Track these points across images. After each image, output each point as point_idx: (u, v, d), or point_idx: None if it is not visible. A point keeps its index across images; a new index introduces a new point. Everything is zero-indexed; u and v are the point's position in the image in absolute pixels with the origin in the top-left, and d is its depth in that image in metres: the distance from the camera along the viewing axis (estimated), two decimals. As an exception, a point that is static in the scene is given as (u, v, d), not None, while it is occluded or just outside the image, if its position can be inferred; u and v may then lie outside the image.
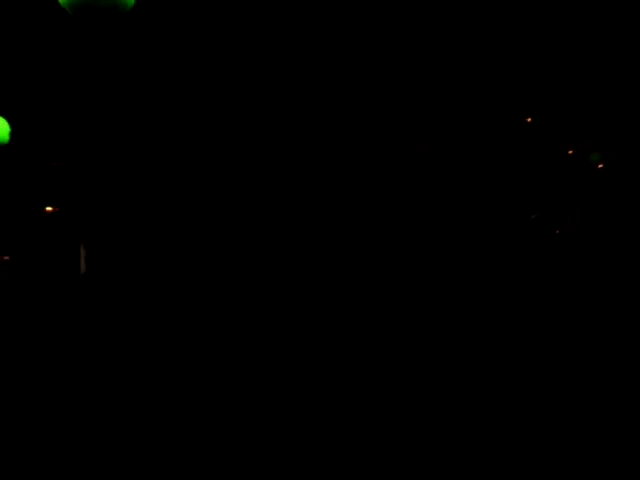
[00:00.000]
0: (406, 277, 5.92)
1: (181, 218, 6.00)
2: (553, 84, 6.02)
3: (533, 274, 5.93)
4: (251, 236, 5.97)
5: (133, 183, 5.99)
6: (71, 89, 5.74)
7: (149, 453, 3.07)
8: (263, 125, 5.95)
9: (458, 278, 5.88)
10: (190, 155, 6.00)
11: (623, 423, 3.30)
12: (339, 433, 3.27)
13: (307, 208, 5.98)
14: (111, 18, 2.80)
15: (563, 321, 5.39)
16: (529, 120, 6.19)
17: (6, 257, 6.28)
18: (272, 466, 2.94)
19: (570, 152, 6.32)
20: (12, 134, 4.54)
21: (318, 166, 5.96)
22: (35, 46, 5.34)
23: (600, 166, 6.10)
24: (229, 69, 5.73)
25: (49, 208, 6.50)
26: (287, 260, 5.93)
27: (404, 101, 5.87)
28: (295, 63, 5.71)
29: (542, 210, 6.11)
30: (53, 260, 6.37)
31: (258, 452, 3.06)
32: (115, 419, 3.49)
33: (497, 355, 4.70)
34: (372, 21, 5.39)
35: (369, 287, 5.87)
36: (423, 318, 5.51)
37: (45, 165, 6.22)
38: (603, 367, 4.31)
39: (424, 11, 5.40)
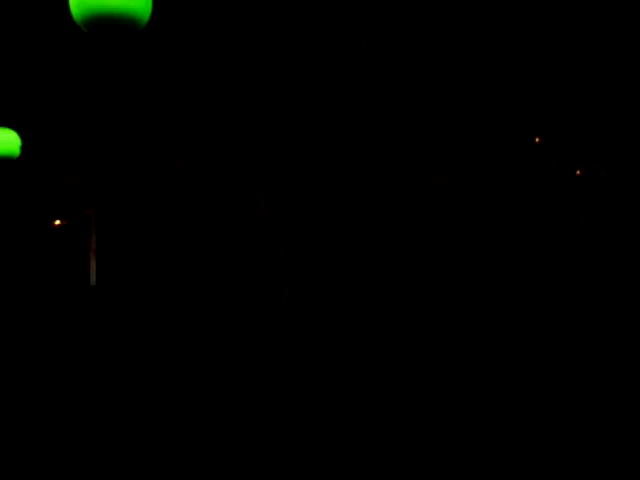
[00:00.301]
0: (426, 294, 5.91)
1: (191, 232, 6.02)
2: (562, 104, 6.04)
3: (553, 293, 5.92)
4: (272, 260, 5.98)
5: (144, 197, 6.02)
6: (84, 104, 5.80)
7: (160, 457, 3.05)
8: (289, 153, 5.99)
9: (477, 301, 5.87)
10: (201, 171, 6.03)
11: (623, 423, 3.25)
12: (338, 433, 3.24)
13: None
14: (124, 35, 2.84)
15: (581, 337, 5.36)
16: (537, 140, 6.20)
17: None
18: (272, 466, 2.91)
19: (578, 173, 6.32)
20: (23, 147, 4.59)
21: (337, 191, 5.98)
22: (48, 61, 5.41)
23: (606, 183, 6.09)
24: (243, 85, 5.78)
25: (57, 222, 6.54)
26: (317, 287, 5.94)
27: (421, 129, 5.90)
28: (321, 100, 5.76)
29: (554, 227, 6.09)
30: (62, 273, 6.39)
31: (258, 452, 3.04)
32: (121, 424, 3.47)
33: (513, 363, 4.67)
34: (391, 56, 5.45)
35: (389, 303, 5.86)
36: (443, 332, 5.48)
37: (56, 179, 6.27)
38: (606, 370, 4.27)
39: (440, 40, 5.45)
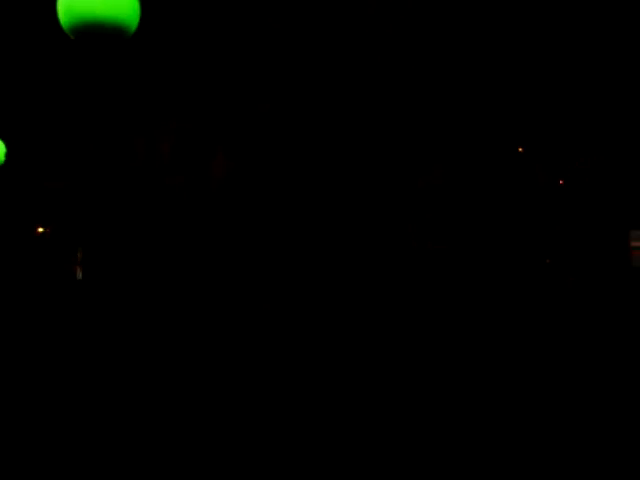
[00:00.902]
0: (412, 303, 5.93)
1: (176, 236, 6.00)
2: (547, 118, 6.12)
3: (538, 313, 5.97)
4: (259, 268, 5.98)
5: (127, 201, 5.99)
6: (67, 111, 5.77)
7: (151, 454, 3.02)
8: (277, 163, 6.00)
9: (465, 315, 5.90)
10: (187, 173, 6.02)
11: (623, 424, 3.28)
12: (337, 434, 3.24)
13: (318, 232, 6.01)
14: (112, 43, 2.84)
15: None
16: (520, 150, 6.27)
17: None
18: (272, 466, 2.90)
19: (561, 182, 6.40)
20: (7, 154, 4.55)
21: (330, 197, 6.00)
22: (34, 68, 5.38)
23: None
24: (233, 91, 5.79)
25: (40, 229, 6.48)
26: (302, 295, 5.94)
27: (414, 133, 5.95)
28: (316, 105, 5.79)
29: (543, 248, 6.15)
30: (48, 279, 6.34)
31: (258, 452, 3.02)
32: (115, 422, 3.44)
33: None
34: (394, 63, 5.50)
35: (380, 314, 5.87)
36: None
37: (38, 185, 6.22)
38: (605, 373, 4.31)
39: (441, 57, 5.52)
